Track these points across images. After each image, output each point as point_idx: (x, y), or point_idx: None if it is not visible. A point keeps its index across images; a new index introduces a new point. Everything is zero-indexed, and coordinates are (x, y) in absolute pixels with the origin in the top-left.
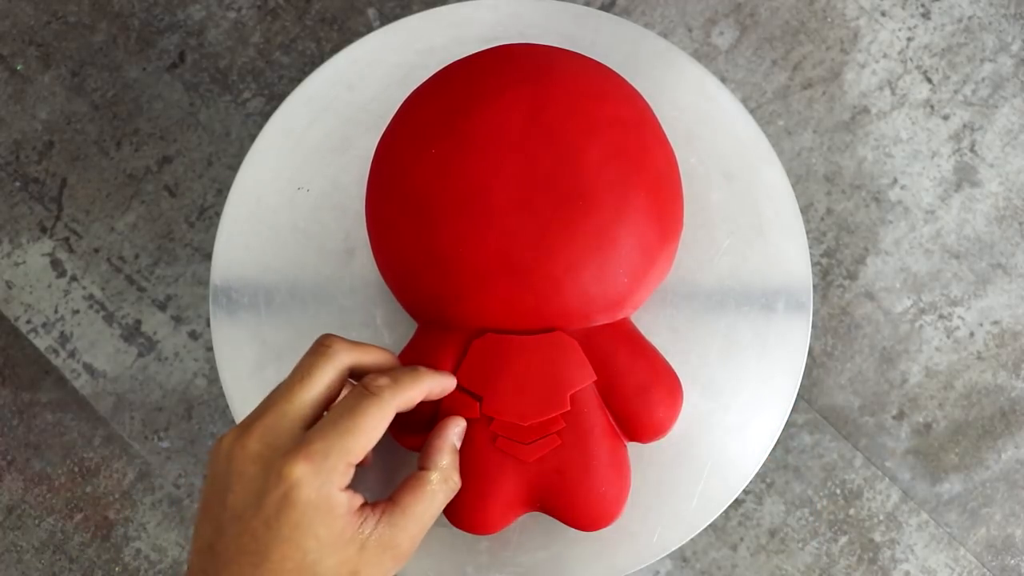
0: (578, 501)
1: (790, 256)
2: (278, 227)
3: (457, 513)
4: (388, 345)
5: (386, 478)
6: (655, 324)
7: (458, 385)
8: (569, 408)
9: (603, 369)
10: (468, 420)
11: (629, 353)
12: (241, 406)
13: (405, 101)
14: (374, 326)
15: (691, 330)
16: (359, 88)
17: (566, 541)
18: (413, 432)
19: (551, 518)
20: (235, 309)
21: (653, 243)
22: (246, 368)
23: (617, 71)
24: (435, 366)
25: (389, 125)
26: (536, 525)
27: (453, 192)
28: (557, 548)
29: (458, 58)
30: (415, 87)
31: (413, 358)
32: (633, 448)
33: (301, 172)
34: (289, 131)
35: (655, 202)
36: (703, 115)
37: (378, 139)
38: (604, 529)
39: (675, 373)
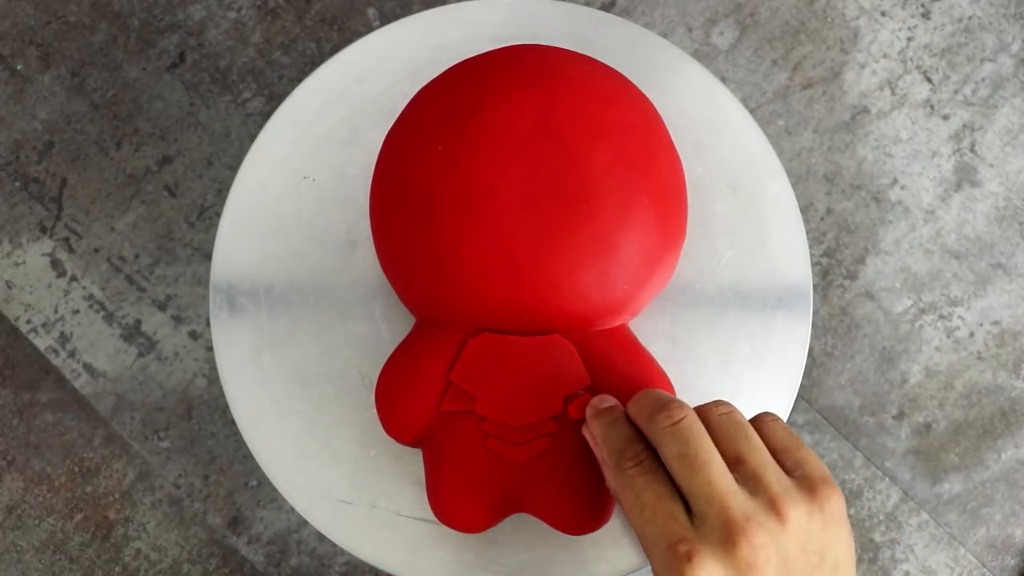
0: (565, 505)
1: (791, 268)
2: (282, 216)
3: (444, 510)
4: (385, 340)
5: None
6: (653, 332)
7: (453, 383)
8: (561, 411)
9: (598, 374)
10: (461, 417)
11: (625, 360)
12: (237, 394)
13: (414, 97)
14: (372, 319)
15: (689, 339)
16: (370, 80)
17: (551, 544)
18: (408, 431)
19: (538, 521)
20: (235, 296)
21: (655, 251)
22: (243, 355)
23: (628, 76)
24: (431, 363)
25: (397, 120)
26: (523, 526)
27: (457, 190)
28: (542, 551)
29: (469, 56)
30: (425, 83)
31: (409, 354)
32: None
33: (308, 162)
34: (298, 120)
35: (659, 210)
36: (712, 125)
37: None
38: (590, 535)
39: (670, 383)
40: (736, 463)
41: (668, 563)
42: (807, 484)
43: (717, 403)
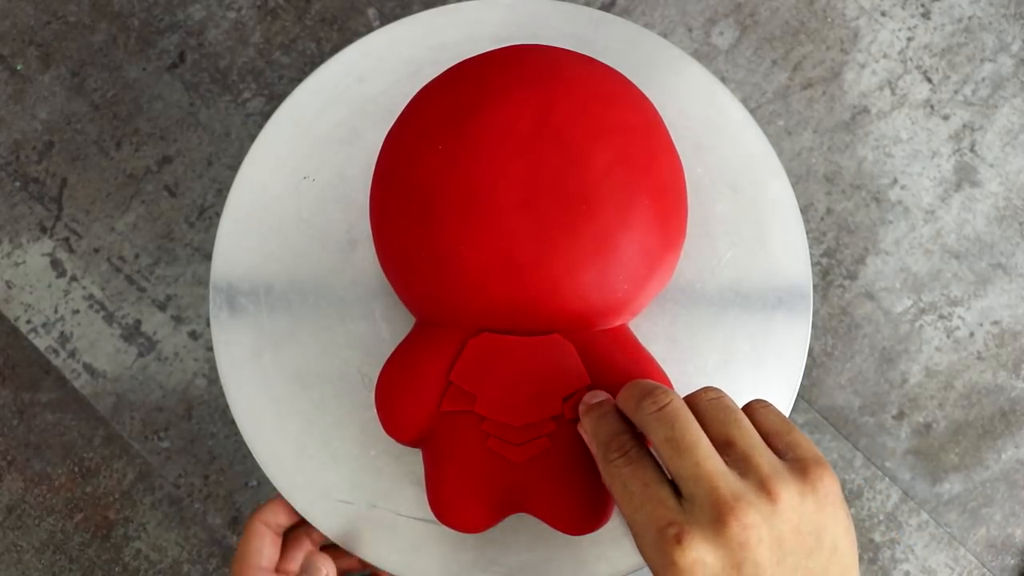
0: (565, 505)
1: (792, 268)
2: (282, 216)
3: (444, 510)
4: (385, 340)
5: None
6: (653, 332)
7: (452, 383)
8: (561, 412)
9: (598, 375)
10: (461, 417)
11: (625, 360)
12: (237, 394)
13: (414, 97)
14: (372, 319)
15: (689, 339)
16: (370, 80)
17: (551, 545)
18: (407, 431)
19: (538, 521)
20: (235, 296)
21: (655, 251)
22: (243, 355)
23: (628, 76)
24: (431, 363)
25: (397, 120)
26: (522, 527)
27: (457, 190)
28: (542, 551)
29: (469, 56)
30: (425, 83)
31: (409, 354)
32: None
33: (308, 161)
34: (298, 120)
35: (659, 210)
36: (712, 125)
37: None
38: (589, 535)
39: (670, 383)
40: (725, 446)
41: (659, 547)
42: (799, 466)
43: (706, 389)
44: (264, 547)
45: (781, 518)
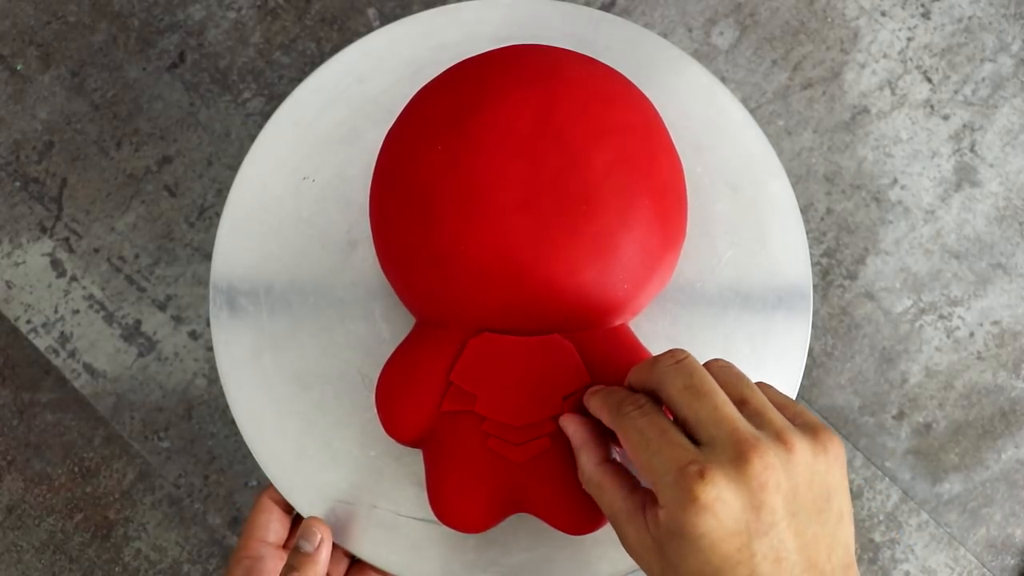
0: (565, 505)
1: (792, 268)
2: (282, 216)
3: (445, 510)
4: (385, 340)
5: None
6: (653, 332)
7: (453, 383)
8: (562, 411)
9: (598, 374)
10: (461, 417)
11: (625, 360)
12: (237, 394)
13: (414, 97)
14: (372, 320)
15: (689, 339)
16: (370, 80)
17: (552, 545)
18: (408, 431)
19: (538, 520)
20: (235, 296)
21: (655, 251)
22: (243, 355)
23: (628, 76)
24: (431, 363)
25: (397, 120)
26: (523, 527)
27: (457, 190)
28: (543, 551)
29: (469, 56)
30: (425, 83)
31: (410, 354)
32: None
33: (308, 162)
34: (298, 120)
35: (659, 210)
36: (712, 125)
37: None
38: (590, 535)
39: None
40: (740, 404)
41: (680, 486)
42: (809, 428)
43: (715, 359)
44: (271, 522)
45: (796, 469)
